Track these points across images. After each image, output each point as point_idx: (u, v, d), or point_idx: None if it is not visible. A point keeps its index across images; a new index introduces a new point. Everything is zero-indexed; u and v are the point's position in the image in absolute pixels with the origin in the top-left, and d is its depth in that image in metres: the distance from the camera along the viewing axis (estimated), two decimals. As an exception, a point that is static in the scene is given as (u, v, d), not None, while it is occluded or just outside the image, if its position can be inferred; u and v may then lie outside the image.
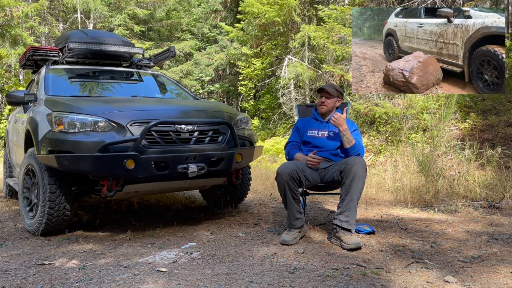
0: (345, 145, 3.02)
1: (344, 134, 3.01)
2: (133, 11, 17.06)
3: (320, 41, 8.79)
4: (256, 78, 13.52)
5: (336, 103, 3.25)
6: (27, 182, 3.50)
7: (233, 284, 2.17)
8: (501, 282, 2.11)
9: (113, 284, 2.21)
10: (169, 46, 5.27)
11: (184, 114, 3.42)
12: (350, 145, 3.01)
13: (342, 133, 3.01)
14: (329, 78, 9.58)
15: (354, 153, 3.02)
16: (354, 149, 3.01)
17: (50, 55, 4.51)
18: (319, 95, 3.28)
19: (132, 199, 4.77)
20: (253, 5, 10.12)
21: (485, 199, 4.08)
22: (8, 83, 12.60)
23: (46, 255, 2.80)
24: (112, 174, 2.99)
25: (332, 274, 2.26)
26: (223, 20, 16.93)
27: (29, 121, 3.46)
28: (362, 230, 3.10)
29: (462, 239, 2.92)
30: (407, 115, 7.48)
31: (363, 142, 7.90)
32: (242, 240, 3.05)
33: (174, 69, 17.55)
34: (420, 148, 5.69)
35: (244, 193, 4.19)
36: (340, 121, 3.00)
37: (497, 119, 6.58)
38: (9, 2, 12.74)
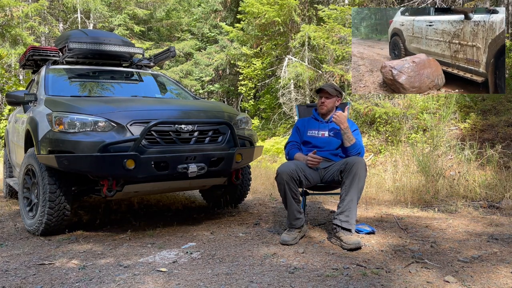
0: (346, 143, 3.03)
1: (345, 132, 3.01)
2: (133, 11, 17.06)
3: (320, 41, 8.79)
4: (256, 78, 13.53)
5: (336, 102, 3.25)
6: (27, 182, 3.50)
7: (233, 284, 2.16)
8: (501, 282, 2.11)
9: (113, 284, 2.21)
10: (169, 46, 5.27)
11: (184, 114, 3.42)
12: (351, 143, 3.01)
13: (343, 131, 3.01)
14: (329, 78, 9.57)
15: (354, 152, 3.02)
16: (355, 148, 3.02)
17: (50, 55, 4.51)
18: (318, 96, 3.28)
19: (132, 199, 4.77)
20: (253, 5, 10.12)
21: (485, 199, 4.08)
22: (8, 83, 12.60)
23: (46, 255, 2.80)
24: (112, 174, 2.99)
25: (332, 274, 2.26)
26: (223, 20, 16.93)
27: (29, 121, 3.46)
28: (362, 230, 3.11)
29: (462, 239, 2.92)
30: (407, 115, 7.48)
31: (363, 142, 7.91)
32: (242, 240, 3.05)
33: (174, 69, 17.55)
34: (420, 148, 5.69)
35: (244, 193, 4.19)
36: (342, 119, 3.01)
37: (497, 119, 6.58)
38: (9, 2, 12.74)
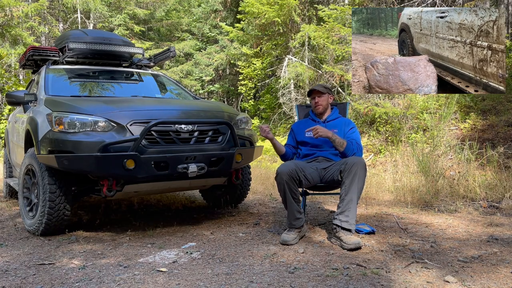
0: (339, 149, 3.02)
1: (334, 139, 2.99)
2: (133, 11, 17.06)
3: (320, 41, 8.79)
4: (256, 78, 13.52)
5: (329, 100, 3.27)
6: (27, 182, 3.50)
7: (233, 284, 2.16)
8: (501, 282, 2.11)
9: (113, 284, 2.21)
10: (169, 46, 5.27)
11: (184, 114, 3.42)
12: (343, 147, 3.00)
13: (332, 140, 2.99)
14: (329, 78, 9.57)
15: (350, 153, 3.01)
16: (349, 150, 3.01)
17: (50, 55, 4.51)
18: (310, 98, 3.29)
19: (132, 199, 4.77)
20: (253, 5, 10.12)
21: (485, 199, 4.08)
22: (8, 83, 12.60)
23: (46, 255, 2.80)
24: (112, 174, 2.99)
25: (332, 274, 2.25)
26: (223, 20, 16.92)
27: (29, 121, 3.46)
28: (362, 230, 3.10)
29: (462, 239, 2.92)
30: (407, 115, 7.48)
31: (363, 142, 7.91)
32: (242, 240, 3.05)
33: (174, 69, 17.55)
34: (420, 148, 5.69)
35: (244, 193, 4.19)
36: (323, 132, 2.94)
37: (497, 119, 6.58)
38: (9, 2, 12.74)
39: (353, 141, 3.06)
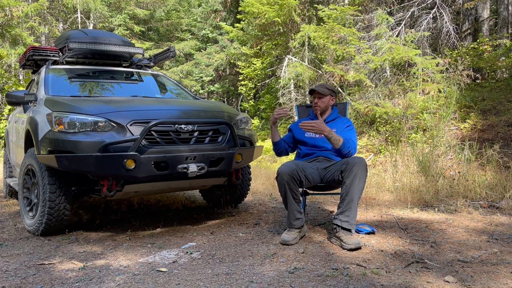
0: (335, 147, 3.01)
1: (330, 137, 2.96)
2: (133, 11, 17.08)
3: (320, 41, 8.78)
4: (256, 78, 13.52)
5: (331, 101, 3.26)
6: (27, 182, 3.50)
7: (233, 284, 2.16)
8: (501, 282, 2.11)
9: (113, 284, 2.21)
10: (169, 46, 5.27)
11: (184, 114, 3.42)
12: (339, 145, 2.98)
13: (328, 137, 2.97)
14: (329, 78, 9.57)
15: (345, 151, 3.00)
16: (344, 147, 3.00)
17: (50, 55, 4.51)
18: (312, 97, 3.29)
19: (132, 199, 4.77)
20: (253, 5, 10.11)
21: (485, 199, 4.08)
22: (8, 83, 12.59)
23: (46, 255, 2.80)
24: (112, 174, 2.99)
25: (332, 274, 2.25)
26: (223, 20, 16.93)
27: (29, 121, 3.46)
28: (362, 230, 3.11)
29: (462, 239, 2.92)
30: (407, 115, 7.48)
31: (364, 142, 7.91)
32: (242, 240, 3.05)
33: (174, 69, 17.56)
34: (420, 148, 5.69)
35: (244, 193, 4.19)
36: (320, 128, 2.91)
37: (497, 119, 6.58)
38: (9, 2, 12.74)
39: (349, 139, 3.05)
